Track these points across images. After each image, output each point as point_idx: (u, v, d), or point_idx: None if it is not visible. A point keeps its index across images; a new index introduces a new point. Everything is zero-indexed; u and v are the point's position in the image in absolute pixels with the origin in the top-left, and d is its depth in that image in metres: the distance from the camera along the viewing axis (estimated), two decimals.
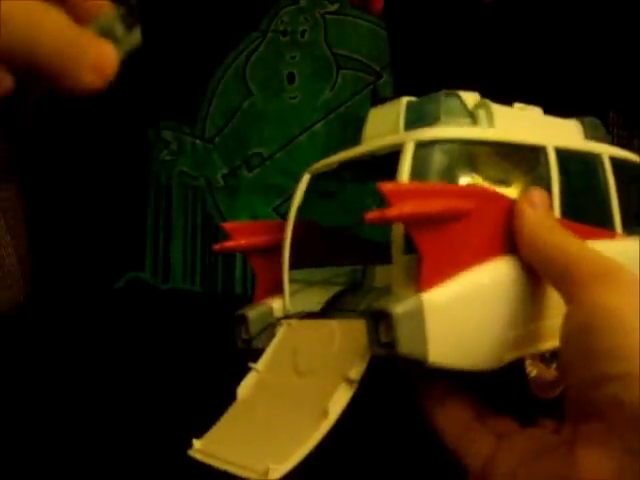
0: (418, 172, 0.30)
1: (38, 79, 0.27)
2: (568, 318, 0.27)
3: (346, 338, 0.32)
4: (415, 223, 0.28)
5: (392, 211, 0.27)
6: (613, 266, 0.27)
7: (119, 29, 0.27)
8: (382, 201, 0.28)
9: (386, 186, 0.27)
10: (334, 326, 0.33)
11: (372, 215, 0.27)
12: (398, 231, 0.30)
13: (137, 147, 0.69)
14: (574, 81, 0.62)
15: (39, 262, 0.71)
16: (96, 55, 0.26)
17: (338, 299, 0.38)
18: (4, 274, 0.67)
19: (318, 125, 0.67)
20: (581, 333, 0.26)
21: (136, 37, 0.28)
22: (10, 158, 0.68)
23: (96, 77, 0.26)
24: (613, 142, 0.42)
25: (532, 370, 0.33)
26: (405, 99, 0.36)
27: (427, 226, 0.28)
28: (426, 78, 0.58)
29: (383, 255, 0.32)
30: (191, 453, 0.31)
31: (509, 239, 0.31)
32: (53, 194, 0.68)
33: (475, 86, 0.36)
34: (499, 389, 0.32)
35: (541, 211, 0.31)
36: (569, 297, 0.28)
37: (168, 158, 0.69)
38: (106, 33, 0.27)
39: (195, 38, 0.66)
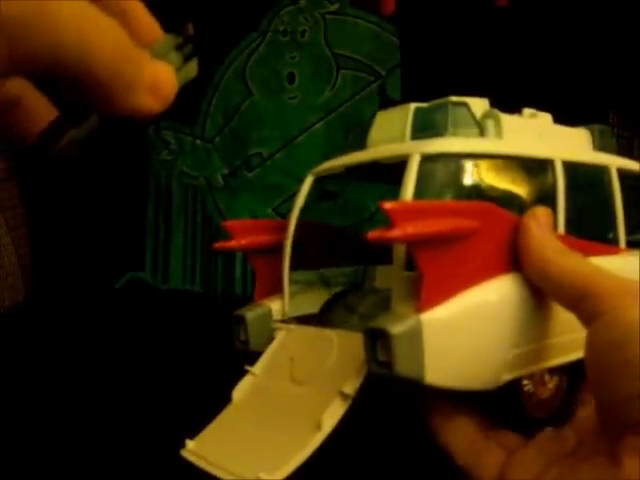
0: (423, 186, 0.30)
1: (86, 107, 0.24)
2: (595, 335, 0.27)
3: (344, 350, 0.31)
4: (417, 243, 0.27)
5: (394, 232, 0.26)
6: (633, 283, 0.28)
7: (174, 59, 0.25)
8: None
9: (388, 205, 0.26)
10: (333, 337, 0.33)
11: (374, 235, 0.26)
12: (400, 248, 0.29)
13: (137, 147, 0.69)
14: (575, 82, 0.62)
15: (40, 262, 0.71)
16: (153, 75, 0.23)
17: (338, 300, 0.38)
18: (5, 274, 0.67)
19: (318, 125, 0.67)
20: (613, 349, 0.26)
21: (192, 69, 0.26)
22: (11, 159, 0.68)
23: (153, 99, 0.23)
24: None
25: (529, 388, 0.33)
26: (413, 105, 0.35)
27: (429, 246, 0.27)
28: (435, 80, 0.58)
29: (384, 256, 0.31)
30: (183, 453, 0.31)
31: (512, 257, 0.30)
32: (54, 194, 0.68)
33: (480, 86, 0.36)
34: (493, 405, 0.32)
35: (547, 231, 0.31)
36: (590, 315, 0.27)
37: (168, 158, 0.69)
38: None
39: (195, 38, 0.66)
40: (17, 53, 0.20)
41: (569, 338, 0.32)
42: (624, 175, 0.39)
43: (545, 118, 0.38)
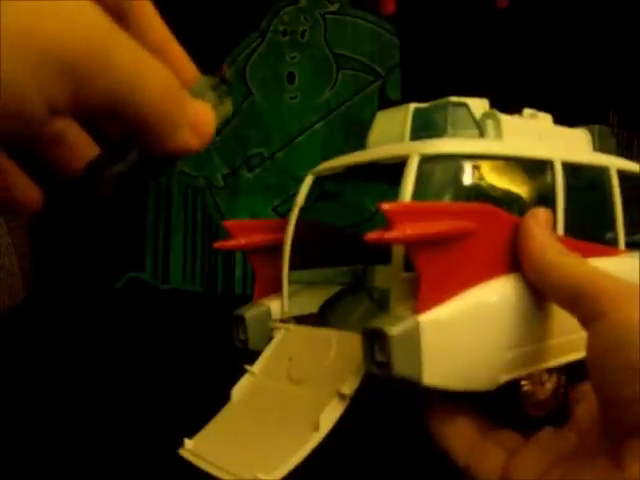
0: (422, 187, 0.30)
1: (128, 145, 0.25)
2: (596, 336, 0.27)
3: (342, 350, 0.32)
4: (416, 245, 0.27)
5: (393, 233, 0.26)
6: (633, 284, 0.28)
7: (211, 98, 0.26)
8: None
9: (387, 206, 0.26)
10: (331, 337, 0.33)
11: (372, 236, 0.26)
12: (398, 249, 0.29)
13: None
14: (575, 82, 0.62)
15: (40, 262, 0.71)
16: (194, 114, 0.24)
17: (337, 300, 0.38)
18: (5, 274, 0.67)
19: (318, 125, 0.67)
20: (614, 351, 0.26)
21: (227, 108, 0.27)
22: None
23: (194, 137, 0.24)
24: None
25: (527, 389, 0.33)
26: (413, 106, 0.35)
27: (428, 247, 0.27)
28: (434, 80, 0.58)
29: (383, 255, 0.31)
30: (182, 452, 0.31)
31: (510, 258, 0.30)
32: (53, 194, 0.69)
33: (480, 87, 0.36)
34: (492, 406, 0.32)
35: (547, 232, 0.31)
36: (590, 316, 0.27)
37: None
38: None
39: (195, 38, 0.66)
40: (79, 95, 0.21)
41: (567, 339, 0.32)
42: (624, 176, 0.39)
43: (545, 119, 0.38)
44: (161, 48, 0.25)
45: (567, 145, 0.38)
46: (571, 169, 0.35)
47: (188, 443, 0.32)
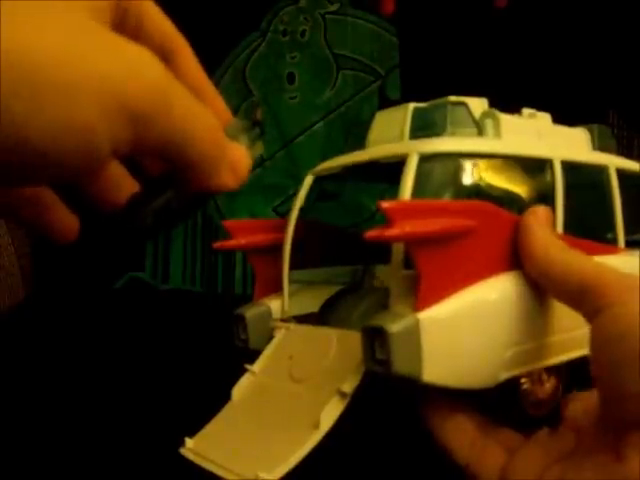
0: (421, 185, 0.30)
1: (167, 182, 0.26)
2: (600, 329, 0.27)
3: (343, 349, 0.32)
4: (415, 242, 0.27)
5: (392, 231, 0.26)
6: (636, 278, 0.28)
7: (244, 140, 0.28)
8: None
9: (386, 204, 0.26)
10: (332, 335, 0.33)
11: (372, 234, 0.26)
12: (398, 247, 0.29)
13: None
14: (575, 82, 0.62)
15: (40, 262, 0.71)
16: (233, 155, 0.26)
17: (337, 299, 0.38)
18: (5, 274, 0.67)
19: (318, 125, 0.67)
20: (618, 343, 0.26)
21: (259, 150, 0.29)
22: None
23: (232, 177, 0.26)
24: None
25: (527, 387, 0.33)
26: (412, 105, 0.35)
27: (427, 245, 0.27)
28: (434, 80, 0.58)
29: (383, 255, 0.32)
30: (182, 452, 0.31)
31: (510, 256, 0.31)
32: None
33: (479, 86, 0.36)
34: (492, 404, 0.32)
35: (549, 229, 0.31)
36: (594, 309, 0.27)
37: None
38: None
39: (195, 38, 0.66)
40: (139, 138, 0.22)
41: (567, 337, 0.32)
42: (623, 175, 0.39)
43: (544, 118, 0.38)
44: (199, 90, 0.27)
45: (566, 144, 0.38)
46: (570, 168, 0.35)
47: (189, 442, 0.32)
